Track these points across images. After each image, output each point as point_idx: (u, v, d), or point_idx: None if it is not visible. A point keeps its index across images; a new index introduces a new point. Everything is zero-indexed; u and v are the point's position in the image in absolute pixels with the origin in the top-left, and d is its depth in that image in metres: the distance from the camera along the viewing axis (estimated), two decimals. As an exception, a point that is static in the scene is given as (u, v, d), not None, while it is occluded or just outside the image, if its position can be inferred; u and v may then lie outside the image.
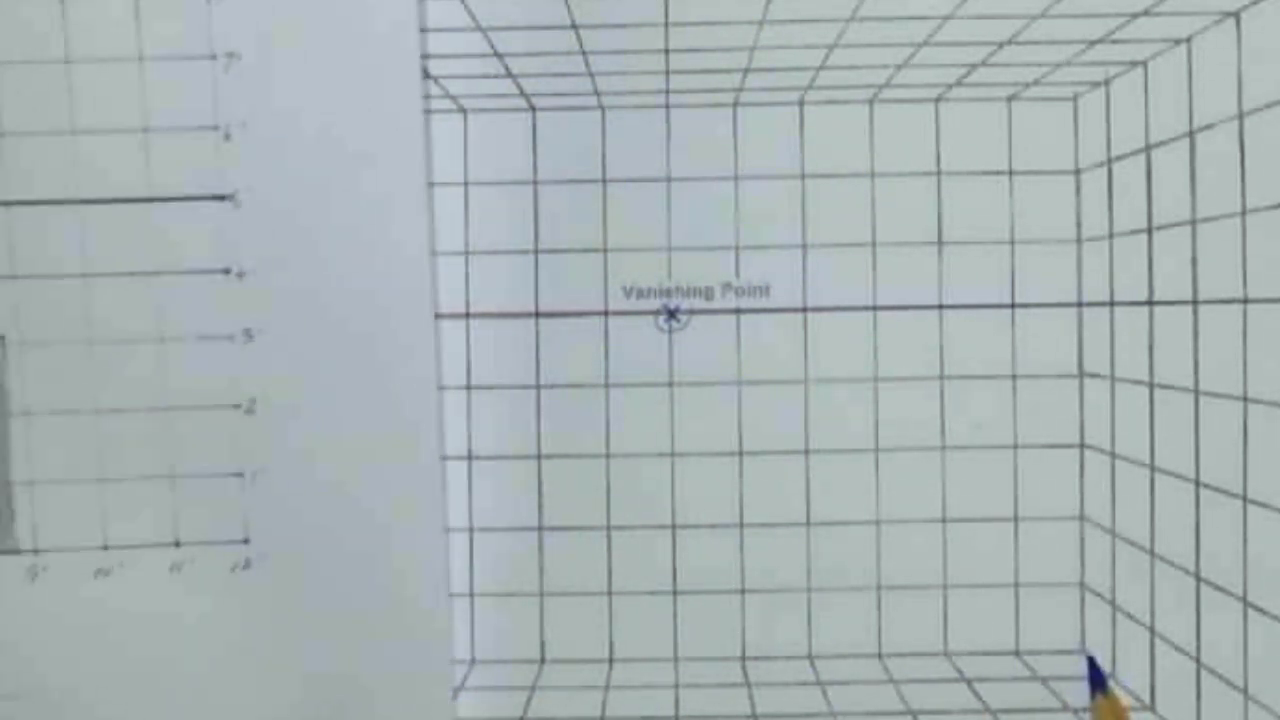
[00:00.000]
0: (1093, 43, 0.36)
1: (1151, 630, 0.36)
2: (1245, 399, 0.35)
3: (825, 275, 0.37)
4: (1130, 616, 0.36)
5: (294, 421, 0.35)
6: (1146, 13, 0.36)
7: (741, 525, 0.37)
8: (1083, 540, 0.36)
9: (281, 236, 0.35)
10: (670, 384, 0.37)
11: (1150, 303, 0.36)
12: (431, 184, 0.36)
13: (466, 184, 0.37)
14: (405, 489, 0.35)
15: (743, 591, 0.37)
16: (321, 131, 0.35)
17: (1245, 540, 0.35)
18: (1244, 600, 0.35)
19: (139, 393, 0.35)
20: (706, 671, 0.37)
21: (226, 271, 0.35)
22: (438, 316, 0.37)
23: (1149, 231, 0.36)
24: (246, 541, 0.35)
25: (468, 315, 0.37)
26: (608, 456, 0.37)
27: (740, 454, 0.37)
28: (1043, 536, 0.36)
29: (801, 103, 0.37)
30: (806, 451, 0.37)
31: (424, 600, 0.35)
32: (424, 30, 0.35)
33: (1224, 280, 0.35)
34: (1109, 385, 0.36)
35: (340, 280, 0.35)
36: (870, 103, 0.38)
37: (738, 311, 0.37)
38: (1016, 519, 0.37)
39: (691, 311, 0.37)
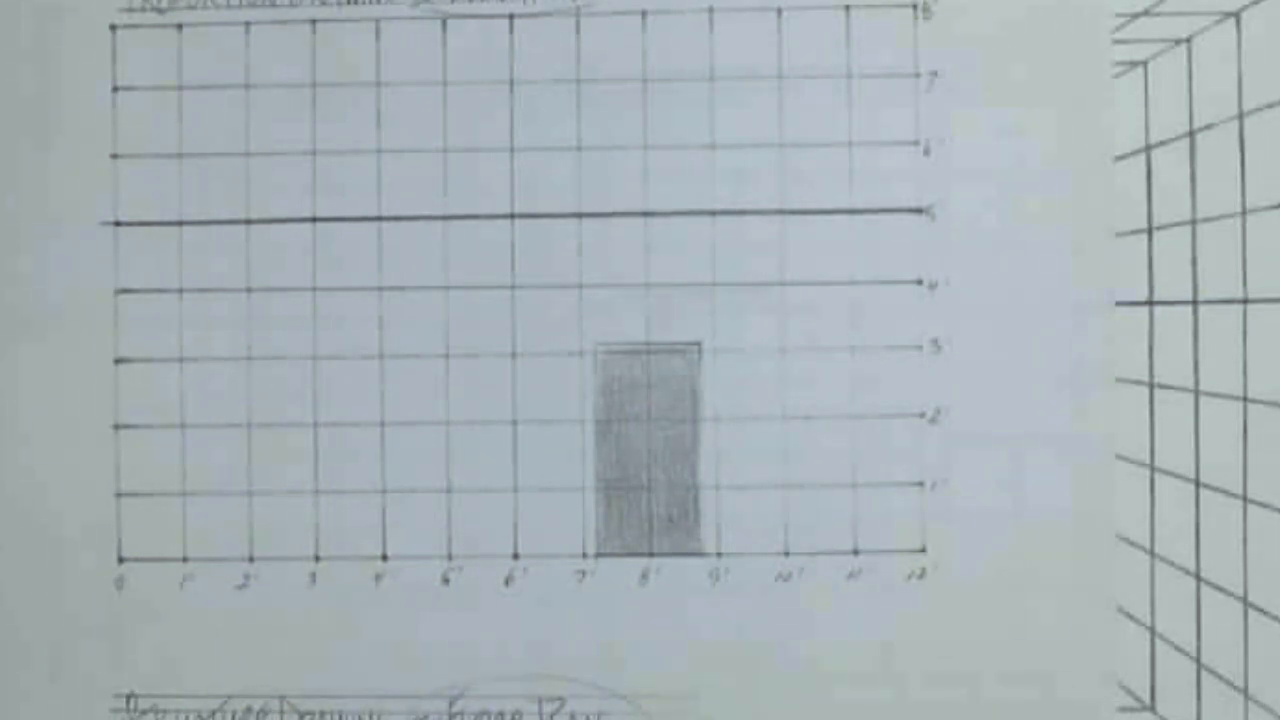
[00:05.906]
0: (1093, 43, 0.36)
1: (1152, 630, 0.36)
2: (1245, 399, 0.35)
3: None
4: (1131, 617, 0.36)
5: (978, 429, 0.36)
6: (1146, 13, 0.36)
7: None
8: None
9: (974, 249, 0.36)
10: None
11: (1150, 303, 0.36)
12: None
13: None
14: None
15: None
16: (1013, 148, 0.36)
17: (1245, 540, 0.35)
18: (1244, 600, 0.35)
19: (828, 400, 0.36)
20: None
21: (919, 282, 0.36)
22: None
23: (1149, 231, 0.36)
24: (923, 550, 0.36)
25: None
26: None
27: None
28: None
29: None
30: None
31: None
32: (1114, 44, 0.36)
33: (1224, 280, 0.36)
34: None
35: (1027, 289, 0.36)
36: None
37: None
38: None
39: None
